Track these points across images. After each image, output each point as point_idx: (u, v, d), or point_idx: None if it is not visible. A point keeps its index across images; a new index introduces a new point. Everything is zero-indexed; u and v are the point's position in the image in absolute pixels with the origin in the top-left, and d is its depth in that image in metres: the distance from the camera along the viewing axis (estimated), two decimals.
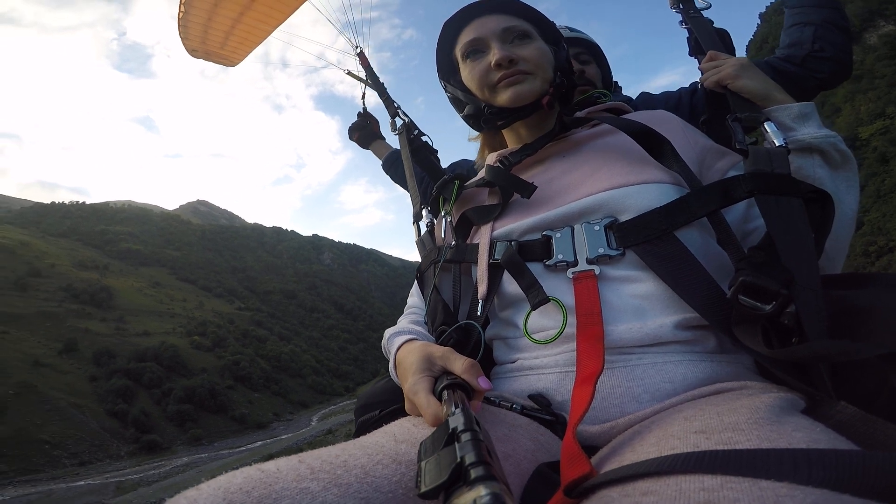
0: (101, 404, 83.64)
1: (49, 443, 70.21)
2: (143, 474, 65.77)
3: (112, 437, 78.20)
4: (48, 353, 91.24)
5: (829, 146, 0.92)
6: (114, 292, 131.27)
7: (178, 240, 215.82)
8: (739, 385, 0.75)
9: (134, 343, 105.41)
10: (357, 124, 2.42)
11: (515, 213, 1.04)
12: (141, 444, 78.77)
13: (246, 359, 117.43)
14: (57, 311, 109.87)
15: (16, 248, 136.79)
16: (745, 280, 0.72)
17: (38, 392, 77.40)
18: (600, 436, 0.79)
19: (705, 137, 1.05)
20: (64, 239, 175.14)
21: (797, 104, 0.97)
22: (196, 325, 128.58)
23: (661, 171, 0.93)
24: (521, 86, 1.05)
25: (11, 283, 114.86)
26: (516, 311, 0.97)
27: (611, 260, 0.88)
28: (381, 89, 2.10)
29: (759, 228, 0.90)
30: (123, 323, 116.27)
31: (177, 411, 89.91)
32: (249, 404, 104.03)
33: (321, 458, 0.60)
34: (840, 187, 0.91)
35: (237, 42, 2.39)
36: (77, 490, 59.48)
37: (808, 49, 1.40)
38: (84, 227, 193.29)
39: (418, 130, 1.76)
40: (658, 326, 0.81)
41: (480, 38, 1.09)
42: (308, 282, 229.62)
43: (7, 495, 56.46)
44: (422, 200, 1.41)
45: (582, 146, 1.09)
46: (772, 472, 0.41)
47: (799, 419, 0.56)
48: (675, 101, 1.70)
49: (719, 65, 1.12)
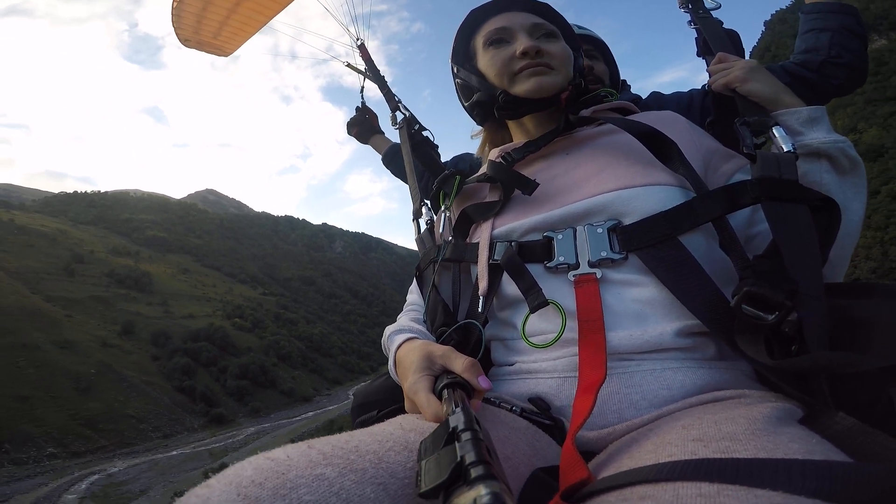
0: (169, 381, 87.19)
1: (135, 417, 73.87)
2: (223, 443, 69.78)
3: (184, 412, 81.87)
4: (109, 335, 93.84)
5: (837, 151, 0.87)
6: (152, 277, 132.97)
7: (199, 227, 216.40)
8: (737, 394, 0.73)
9: (183, 325, 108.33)
10: (356, 118, 2.24)
11: (516, 211, 1.00)
12: (210, 417, 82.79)
13: (283, 339, 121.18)
14: (106, 295, 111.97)
15: (56, 236, 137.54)
16: (749, 290, 0.70)
17: (115, 371, 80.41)
18: (597, 441, 0.76)
19: (712, 139, 1.02)
20: (93, 227, 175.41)
21: (806, 108, 0.91)
22: (232, 308, 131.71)
23: (667, 174, 0.89)
24: (545, 77, 1.02)
25: (61, 269, 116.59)
26: (515, 312, 0.94)
27: (613, 263, 0.84)
28: (382, 82, 2.00)
29: (763, 233, 0.87)
30: (168, 306, 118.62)
31: (235, 386, 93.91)
32: (292, 380, 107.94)
33: (331, 444, 0.58)
34: (848, 194, 0.88)
35: (231, 32, 2.29)
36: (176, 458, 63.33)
37: (824, 55, 1.35)
38: (109, 215, 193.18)
39: (419, 125, 1.70)
40: (659, 334, 0.78)
41: (508, 27, 1.07)
42: (323, 269, 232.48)
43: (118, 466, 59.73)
44: (422, 196, 1.37)
45: (586, 144, 1.05)
46: (767, 481, 0.41)
47: (795, 430, 0.56)
48: (686, 102, 1.65)
49: (728, 67, 1.06)
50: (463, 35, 1.17)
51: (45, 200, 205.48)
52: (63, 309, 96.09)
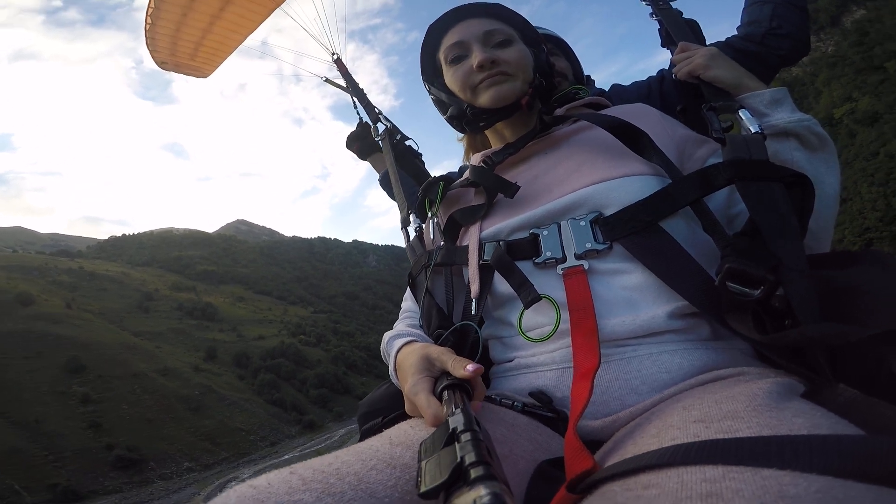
0: (260, 396, 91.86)
1: (243, 430, 78.44)
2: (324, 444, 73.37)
3: (280, 422, 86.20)
4: (197, 360, 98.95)
5: (803, 130, 0.89)
6: (216, 307, 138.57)
7: (242, 257, 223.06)
8: (737, 371, 0.72)
9: (257, 346, 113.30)
10: (356, 133, 1.96)
11: (502, 213, 1.00)
12: (303, 424, 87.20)
13: (346, 350, 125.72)
14: (181, 326, 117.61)
15: (121, 279, 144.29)
16: (730, 267, 0.70)
17: (214, 391, 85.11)
18: (603, 430, 0.76)
19: (683, 127, 1.02)
20: (149, 267, 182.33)
21: (769, 90, 0.94)
22: (293, 327, 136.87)
23: (642, 164, 0.90)
24: (502, 86, 1.02)
25: (136, 307, 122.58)
26: (510, 310, 0.93)
27: (598, 254, 0.85)
28: (361, 95, 1.92)
29: (743, 212, 0.86)
30: (239, 331, 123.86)
31: (317, 395, 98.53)
32: (362, 385, 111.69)
33: (313, 468, 0.57)
34: (819, 169, 0.89)
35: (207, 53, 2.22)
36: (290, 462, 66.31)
37: (766, 27, 1.36)
38: (160, 255, 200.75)
39: (401, 135, 1.67)
40: (651, 317, 0.78)
41: (463, 41, 1.06)
42: (363, 283, 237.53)
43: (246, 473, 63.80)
44: (408, 205, 1.35)
45: (563, 143, 1.05)
46: (773, 460, 0.39)
47: (799, 404, 0.54)
48: (645, 90, 1.66)
49: (690, 56, 1.09)
50: (427, 52, 1.16)
51: (100, 246, 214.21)
52: (150, 342, 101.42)
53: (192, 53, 2.21)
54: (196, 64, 2.28)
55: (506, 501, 0.37)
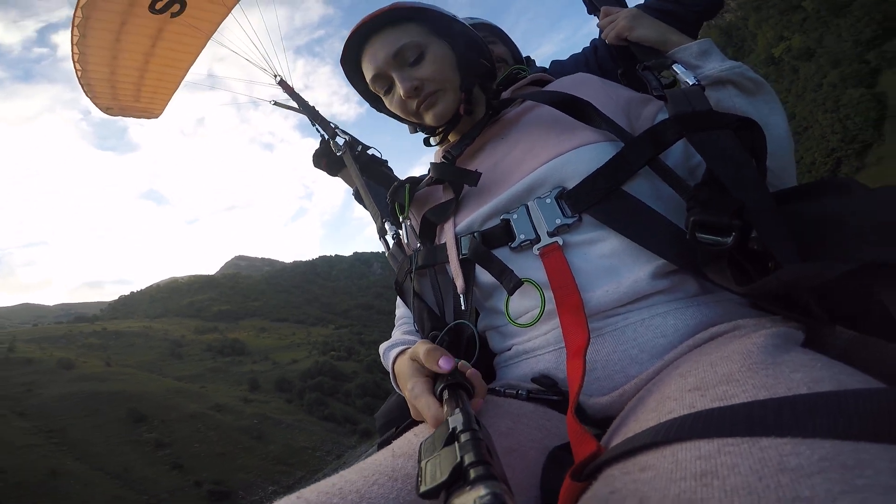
0: (311, 415, 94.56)
1: (308, 448, 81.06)
2: None
3: (338, 435, 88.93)
4: (243, 392, 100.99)
5: (737, 76, 0.90)
6: (243, 342, 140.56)
7: (251, 292, 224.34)
8: (732, 326, 0.70)
9: (294, 370, 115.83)
10: (320, 150, 1.80)
11: (472, 204, 0.99)
12: (359, 434, 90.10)
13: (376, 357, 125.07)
14: (217, 365, 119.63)
15: (146, 332, 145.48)
16: (695, 219, 0.69)
17: (269, 417, 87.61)
18: (611, 405, 0.74)
19: (626, 89, 1.01)
20: (165, 318, 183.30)
21: (695, 43, 0.95)
22: (321, 346, 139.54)
23: (592, 132, 0.90)
24: (437, 107, 1.00)
25: (168, 355, 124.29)
26: (497, 298, 0.93)
27: (570, 228, 0.84)
28: (313, 113, 1.81)
29: (703, 163, 0.83)
30: (272, 360, 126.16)
31: (363, 404, 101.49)
32: None
33: (318, 491, 0.57)
34: (762, 111, 0.89)
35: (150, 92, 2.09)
36: None
37: None
38: (172, 305, 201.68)
39: (362, 145, 1.62)
40: (633, 281, 0.77)
41: (380, 74, 1.01)
42: (373, 292, 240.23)
43: None
44: (382, 215, 1.34)
45: (514, 126, 1.05)
46: (771, 427, 0.36)
47: (797, 355, 0.51)
48: (583, 62, 1.67)
49: (614, 19, 1.10)
50: (358, 84, 1.12)
51: (112, 307, 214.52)
52: (194, 383, 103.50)
53: (135, 95, 2.10)
54: (142, 105, 2.16)
55: (506, 501, 0.36)
